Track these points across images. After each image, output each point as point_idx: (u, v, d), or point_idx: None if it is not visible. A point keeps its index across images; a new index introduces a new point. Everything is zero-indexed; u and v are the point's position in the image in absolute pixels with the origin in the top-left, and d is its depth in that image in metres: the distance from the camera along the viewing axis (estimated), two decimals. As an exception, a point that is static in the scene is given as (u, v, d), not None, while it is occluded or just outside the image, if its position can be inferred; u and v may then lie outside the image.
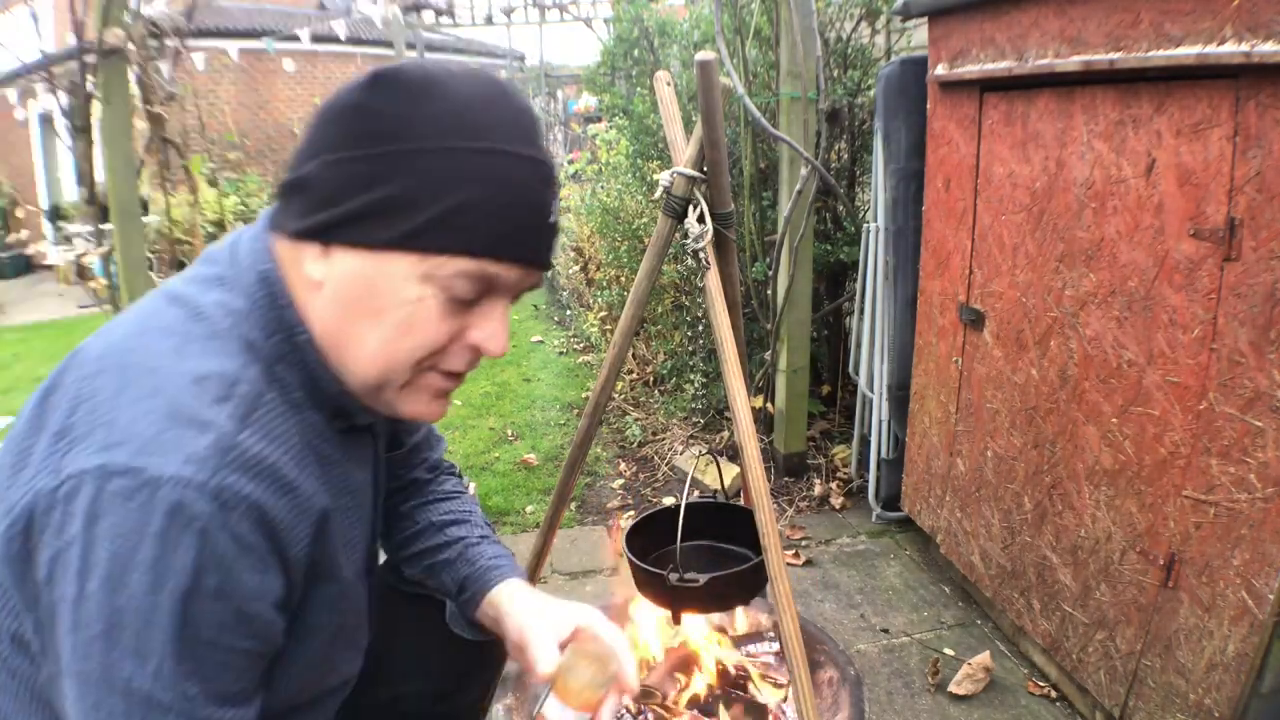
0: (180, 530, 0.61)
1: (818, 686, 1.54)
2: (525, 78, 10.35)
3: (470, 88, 0.72)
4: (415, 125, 0.69)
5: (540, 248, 0.76)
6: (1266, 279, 1.22)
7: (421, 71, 0.71)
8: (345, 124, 0.70)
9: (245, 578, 0.65)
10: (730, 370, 1.31)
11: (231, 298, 0.73)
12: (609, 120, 4.21)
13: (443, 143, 0.69)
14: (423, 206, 0.69)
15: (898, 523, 2.69)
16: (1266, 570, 1.27)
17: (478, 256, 0.72)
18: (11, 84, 10.98)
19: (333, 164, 0.70)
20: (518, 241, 0.74)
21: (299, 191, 0.72)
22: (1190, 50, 1.27)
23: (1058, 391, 1.72)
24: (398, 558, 1.12)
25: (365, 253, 0.71)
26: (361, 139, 0.69)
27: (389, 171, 0.69)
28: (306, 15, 12.78)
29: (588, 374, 4.51)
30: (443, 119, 0.69)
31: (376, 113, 0.70)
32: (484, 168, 0.70)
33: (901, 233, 2.42)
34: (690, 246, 1.36)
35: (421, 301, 0.72)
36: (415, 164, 0.69)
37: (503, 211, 0.71)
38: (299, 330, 0.74)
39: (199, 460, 0.63)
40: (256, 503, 0.65)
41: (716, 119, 1.27)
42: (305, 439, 0.74)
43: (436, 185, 0.69)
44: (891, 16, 2.85)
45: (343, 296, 0.72)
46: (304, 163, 0.72)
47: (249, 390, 0.69)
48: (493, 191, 0.71)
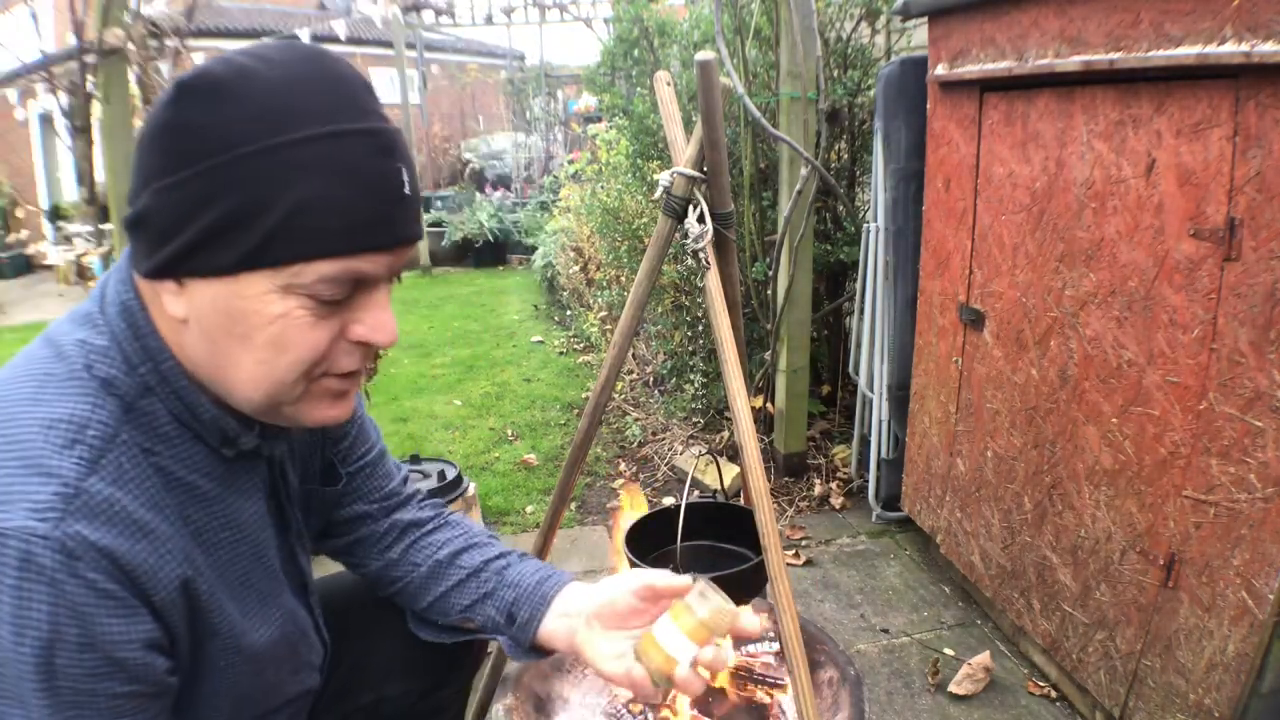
0: (32, 583, 0.60)
1: (818, 686, 1.54)
2: (525, 78, 10.36)
3: (279, 72, 0.65)
4: (228, 131, 0.63)
5: (400, 225, 0.69)
6: (1266, 279, 1.22)
7: (225, 68, 0.65)
8: (162, 146, 0.65)
9: (108, 624, 0.63)
10: (730, 370, 1.31)
11: (93, 334, 0.71)
12: (609, 120, 4.21)
13: (261, 143, 0.63)
14: (259, 218, 0.63)
15: (898, 523, 2.69)
16: (1266, 570, 1.27)
17: (335, 256, 0.66)
18: (11, 84, 10.98)
19: (162, 192, 0.65)
20: (373, 228, 0.67)
21: (139, 228, 0.68)
22: (1190, 50, 1.27)
23: (1058, 391, 1.72)
24: (422, 611, 1.04)
25: (217, 280, 0.66)
26: (181, 159, 0.64)
27: (214, 189, 0.63)
28: (306, 15, 12.78)
29: (588, 374, 4.51)
30: (255, 116, 0.63)
31: (187, 126, 0.64)
32: (312, 158, 0.64)
33: (901, 233, 2.42)
34: (690, 246, 1.36)
35: (288, 316, 0.67)
36: (237, 174, 0.63)
37: (347, 200, 0.65)
38: (164, 358, 0.71)
39: (43, 511, 0.61)
40: (107, 549, 0.63)
41: (716, 119, 1.27)
42: (168, 478, 0.72)
43: (264, 191, 0.63)
44: (891, 16, 2.85)
45: (208, 328, 0.68)
46: (137, 195, 0.67)
47: (99, 433, 0.66)
48: (329, 182, 0.64)
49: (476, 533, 1.08)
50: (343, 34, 10.05)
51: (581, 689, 1.62)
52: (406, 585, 1.05)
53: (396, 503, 1.08)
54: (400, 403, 4.13)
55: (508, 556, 1.04)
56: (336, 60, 0.69)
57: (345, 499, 1.04)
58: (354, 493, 1.04)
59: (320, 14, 13.13)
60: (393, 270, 0.72)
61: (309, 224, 0.64)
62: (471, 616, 1.01)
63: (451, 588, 1.02)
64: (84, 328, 0.72)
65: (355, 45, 11.90)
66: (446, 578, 1.03)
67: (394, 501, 1.08)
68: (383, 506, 1.07)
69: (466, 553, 1.04)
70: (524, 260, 7.83)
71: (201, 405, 0.73)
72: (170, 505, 0.71)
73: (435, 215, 8.75)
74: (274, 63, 0.66)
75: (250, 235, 0.64)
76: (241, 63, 0.65)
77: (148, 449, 0.71)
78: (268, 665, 0.84)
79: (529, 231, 7.66)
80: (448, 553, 1.04)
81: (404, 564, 1.05)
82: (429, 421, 3.82)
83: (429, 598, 1.03)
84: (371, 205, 0.67)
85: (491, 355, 5.04)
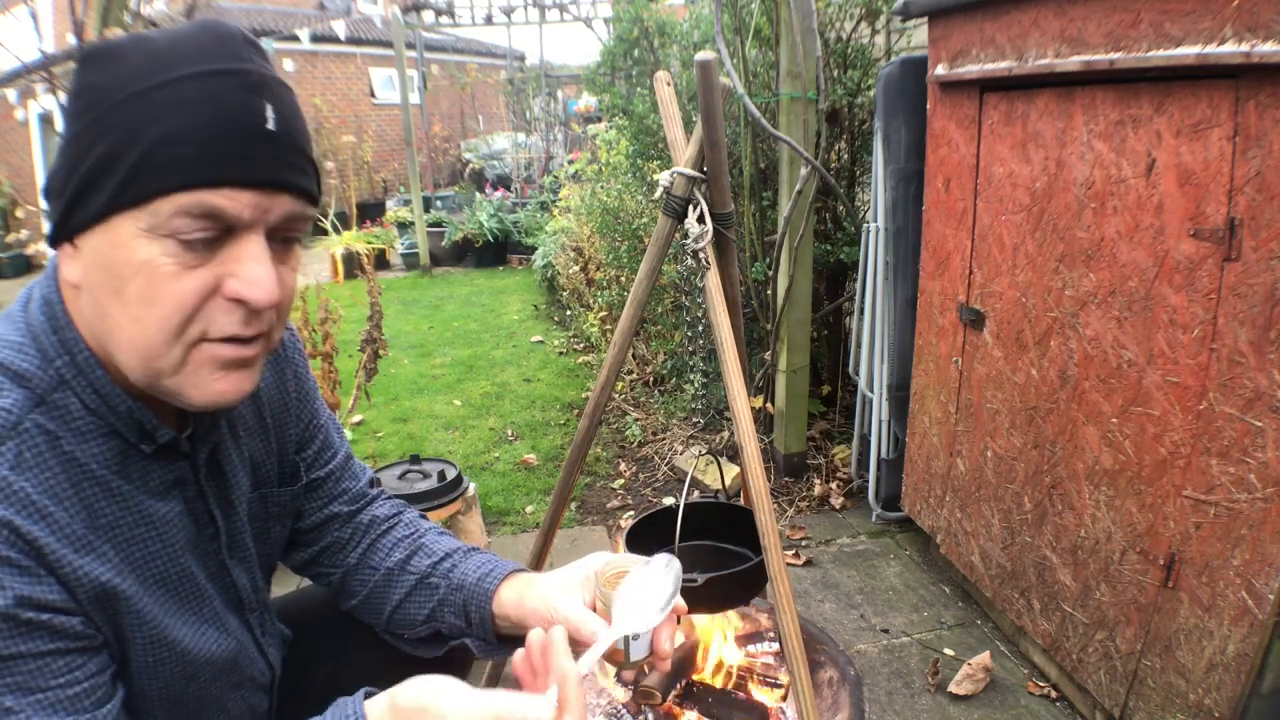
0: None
1: (818, 686, 1.54)
2: (525, 78, 10.36)
3: (169, 34, 0.68)
4: (111, 85, 0.66)
5: (261, 162, 0.68)
6: (1266, 279, 1.22)
7: (126, 38, 0.69)
8: (67, 113, 0.69)
9: (14, 585, 0.64)
10: (730, 370, 1.31)
11: (10, 331, 0.72)
12: (609, 120, 4.21)
13: (134, 88, 0.65)
14: (126, 157, 0.65)
15: (898, 523, 2.69)
16: (1266, 570, 1.27)
17: (191, 188, 0.65)
18: (11, 84, 10.98)
19: (59, 154, 0.69)
20: (229, 159, 0.66)
21: (49, 195, 0.70)
22: (1190, 50, 1.27)
23: (1058, 391, 1.72)
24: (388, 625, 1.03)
25: (96, 230, 0.67)
26: (75, 118, 0.68)
27: (93, 138, 0.66)
28: (306, 15, 12.79)
29: (588, 374, 4.51)
30: (136, 70, 0.66)
31: (83, 88, 0.68)
32: (176, 95, 0.65)
33: (901, 233, 2.42)
34: (690, 246, 1.36)
35: (153, 262, 0.66)
36: (112, 119, 0.66)
37: (205, 131, 0.65)
38: (79, 349, 0.71)
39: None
40: (6, 519, 0.64)
41: (716, 119, 1.27)
42: (78, 470, 0.71)
43: (134, 130, 0.65)
44: (891, 16, 2.85)
45: (92, 287, 0.69)
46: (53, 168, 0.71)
47: (1, 421, 0.67)
48: (190, 115, 0.65)
49: (424, 531, 1.07)
50: (343, 34, 10.05)
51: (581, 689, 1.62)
52: (367, 596, 1.03)
53: (365, 502, 1.08)
54: (400, 403, 4.13)
55: (453, 556, 1.01)
56: (229, 25, 0.71)
57: (316, 503, 1.03)
58: (325, 495, 1.04)
59: (320, 14, 13.13)
60: (264, 219, 0.70)
61: (167, 155, 0.65)
62: (436, 626, 1.00)
63: (405, 597, 1.01)
64: (3, 323, 0.73)
65: (355, 45, 11.91)
66: (400, 584, 1.01)
67: (363, 501, 1.07)
68: (353, 509, 1.06)
69: (415, 557, 1.02)
70: (524, 260, 7.83)
71: (117, 396, 0.73)
72: (74, 497, 0.70)
73: (435, 215, 8.74)
74: (170, 30, 0.69)
75: (117, 174, 0.65)
76: (142, 33, 0.70)
77: (56, 438, 0.70)
78: (202, 671, 0.82)
79: (529, 231, 7.66)
80: (398, 559, 1.02)
81: (362, 569, 1.03)
82: (429, 421, 3.83)
83: (388, 609, 1.02)
84: (230, 137, 0.66)
85: (491, 355, 5.04)
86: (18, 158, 12.00)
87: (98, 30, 2.25)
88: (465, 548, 1.03)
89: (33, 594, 0.65)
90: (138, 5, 2.39)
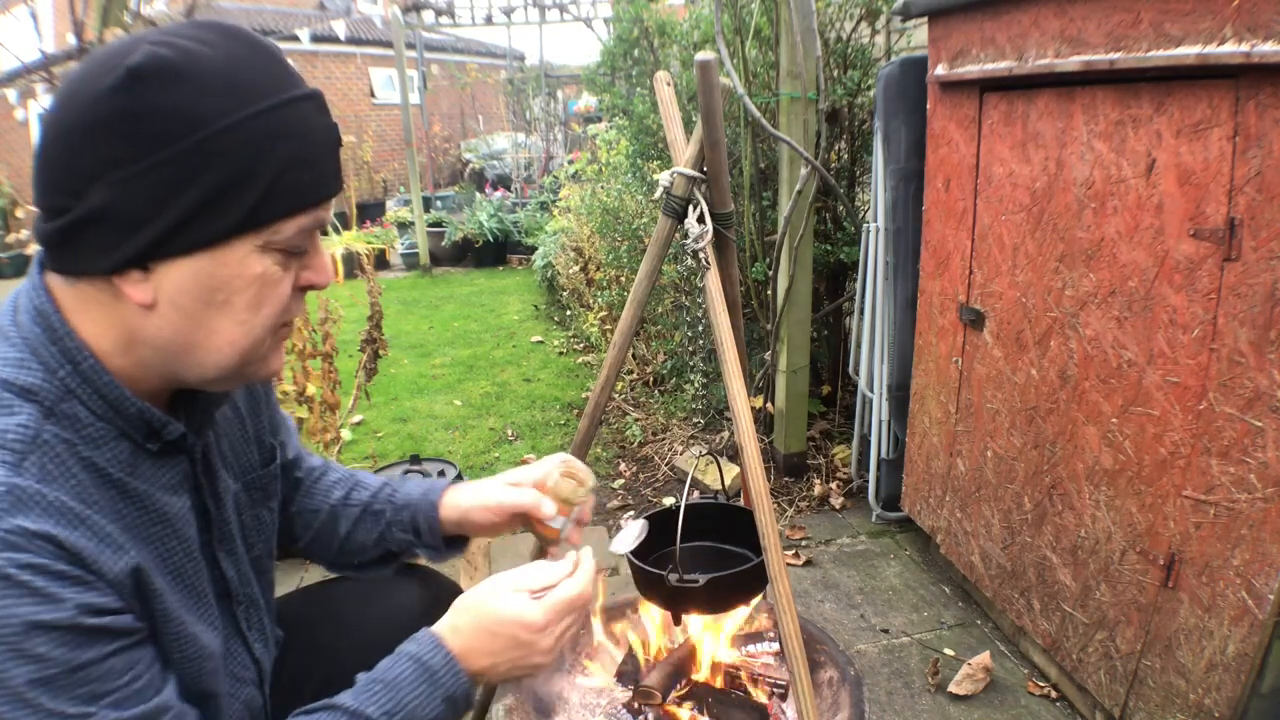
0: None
1: (818, 686, 1.54)
2: (525, 78, 10.36)
3: (218, 51, 0.69)
4: (202, 108, 0.66)
5: (339, 173, 0.78)
6: (1266, 279, 1.22)
7: (170, 51, 0.66)
8: (123, 132, 0.65)
9: (71, 597, 0.64)
10: (730, 370, 1.31)
11: (5, 347, 0.71)
12: (609, 120, 4.21)
13: (237, 114, 0.67)
14: (249, 185, 0.68)
15: (898, 523, 2.69)
16: (1266, 570, 1.27)
17: (308, 209, 0.73)
18: (11, 84, 10.98)
19: (127, 182, 0.65)
20: (330, 178, 0.76)
21: (92, 225, 0.67)
22: (1190, 50, 1.27)
23: (1058, 391, 1.72)
24: (336, 556, 1.14)
25: (198, 254, 0.69)
26: (153, 142, 0.65)
27: (202, 164, 0.66)
28: (306, 15, 12.79)
29: (588, 374, 4.51)
30: (218, 93, 0.67)
31: (155, 109, 0.65)
32: (282, 123, 0.70)
33: (901, 233, 2.42)
34: (690, 246, 1.36)
35: (265, 273, 0.73)
36: (222, 147, 0.67)
37: (313, 156, 0.73)
38: (83, 358, 0.72)
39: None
40: (48, 534, 0.64)
41: (716, 119, 1.27)
42: (97, 473, 0.72)
43: (254, 158, 0.68)
44: (891, 16, 2.85)
45: (184, 305, 0.71)
46: (80, 193, 0.66)
47: (19, 436, 0.67)
48: (299, 142, 0.71)
49: (354, 472, 1.18)
50: (342, 34, 10.06)
51: (581, 689, 1.62)
52: (315, 534, 1.13)
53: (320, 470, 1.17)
54: (400, 403, 4.13)
55: (390, 484, 1.14)
56: (257, 35, 0.74)
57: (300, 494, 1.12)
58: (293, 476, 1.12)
59: (320, 14, 13.14)
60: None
61: (291, 181, 0.71)
62: (386, 546, 1.12)
63: (352, 527, 1.12)
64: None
65: (355, 45, 11.91)
66: (345, 517, 1.12)
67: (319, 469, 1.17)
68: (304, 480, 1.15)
69: (354, 492, 1.14)
70: (524, 260, 7.83)
71: (126, 399, 0.74)
72: (102, 499, 0.72)
73: (435, 215, 8.74)
74: (210, 43, 0.69)
75: (242, 202, 0.69)
76: (182, 45, 0.67)
77: (74, 445, 0.71)
78: (209, 662, 0.83)
79: (529, 231, 7.66)
80: (338, 496, 1.13)
81: (303, 513, 1.13)
82: (429, 421, 3.83)
83: (336, 542, 1.13)
84: (328, 158, 0.75)
85: (491, 355, 5.04)
86: (18, 158, 12.00)
87: (98, 30, 2.25)
88: (399, 478, 1.17)
89: (90, 601, 0.66)
90: (138, 5, 2.39)
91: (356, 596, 1.18)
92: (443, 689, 0.82)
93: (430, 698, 0.81)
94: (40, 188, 0.69)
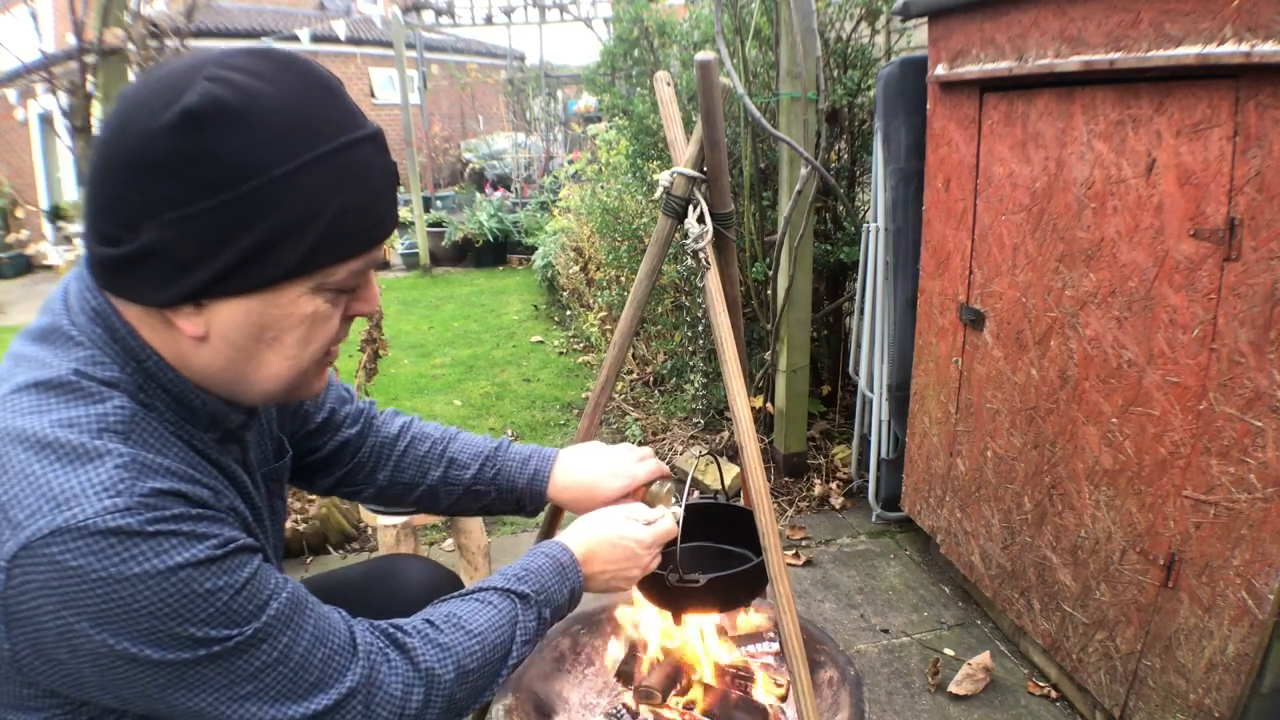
0: (136, 548, 0.64)
1: (818, 686, 1.54)
2: (525, 78, 10.36)
3: (280, 89, 0.68)
4: (253, 155, 0.65)
5: (395, 207, 0.79)
6: (1266, 279, 1.22)
7: (229, 92, 0.65)
8: (179, 175, 0.65)
9: (213, 532, 0.69)
10: (730, 370, 1.31)
11: (70, 346, 0.73)
12: (609, 120, 4.21)
13: (295, 161, 0.67)
14: (305, 231, 0.68)
15: (898, 523, 2.69)
16: (1266, 570, 1.27)
17: (364, 251, 0.74)
18: (11, 84, 10.98)
19: (182, 222, 0.66)
20: (387, 219, 0.76)
21: (146, 260, 0.67)
22: (1190, 50, 1.27)
23: (1058, 391, 1.72)
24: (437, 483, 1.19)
25: (251, 295, 0.70)
26: (205, 188, 0.65)
27: (257, 210, 0.66)
28: (306, 15, 12.79)
29: (588, 374, 4.51)
30: (276, 138, 0.66)
31: (211, 154, 0.65)
32: (340, 169, 0.70)
33: (901, 233, 2.42)
34: (690, 246, 1.36)
35: (316, 313, 0.74)
36: (281, 193, 0.67)
37: (372, 199, 0.73)
38: (146, 355, 0.74)
39: (113, 486, 0.65)
40: (178, 491, 0.69)
41: (716, 119, 1.27)
42: (189, 447, 0.77)
43: (310, 205, 0.68)
44: (891, 16, 2.85)
45: (235, 340, 0.73)
46: (134, 228, 0.66)
47: (120, 417, 0.70)
48: (357, 187, 0.71)
49: (441, 440, 1.22)
50: (342, 34, 10.05)
51: (581, 689, 1.62)
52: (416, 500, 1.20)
53: (368, 420, 1.19)
54: (400, 403, 4.13)
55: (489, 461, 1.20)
56: (316, 67, 0.73)
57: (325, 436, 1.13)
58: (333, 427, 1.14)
59: (320, 14, 13.14)
60: None
61: (348, 226, 0.71)
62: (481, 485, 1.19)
63: (454, 502, 1.20)
64: (57, 341, 0.73)
65: (355, 45, 11.90)
66: (447, 494, 1.19)
67: (364, 420, 1.18)
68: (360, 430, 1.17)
69: (451, 470, 1.20)
70: (524, 260, 7.82)
71: (191, 393, 0.77)
72: (199, 464, 0.77)
73: (435, 215, 8.74)
74: (269, 79, 0.68)
75: (297, 248, 0.69)
76: (240, 84, 0.66)
77: (163, 423, 0.74)
78: None
79: (529, 231, 7.66)
80: (436, 476, 1.19)
81: (396, 485, 1.19)
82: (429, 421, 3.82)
83: (439, 506, 1.21)
84: (384, 200, 0.75)
85: (491, 355, 5.04)
86: (18, 158, 12.00)
87: (98, 30, 2.25)
88: (492, 446, 1.21)
89: (227, 533, 0.71)
90: (138, 5, 2.39)
91: (358, 590, 1.19)
92: (569, 583, 0.98)
93: (561, 587, 0.97)
94: (93, 213, 0.69)
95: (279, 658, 0.72)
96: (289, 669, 0.73)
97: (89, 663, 0.65)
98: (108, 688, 0.67)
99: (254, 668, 0.71)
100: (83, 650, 0.64)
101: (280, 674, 0.72)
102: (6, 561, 0.63)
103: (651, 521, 1.11)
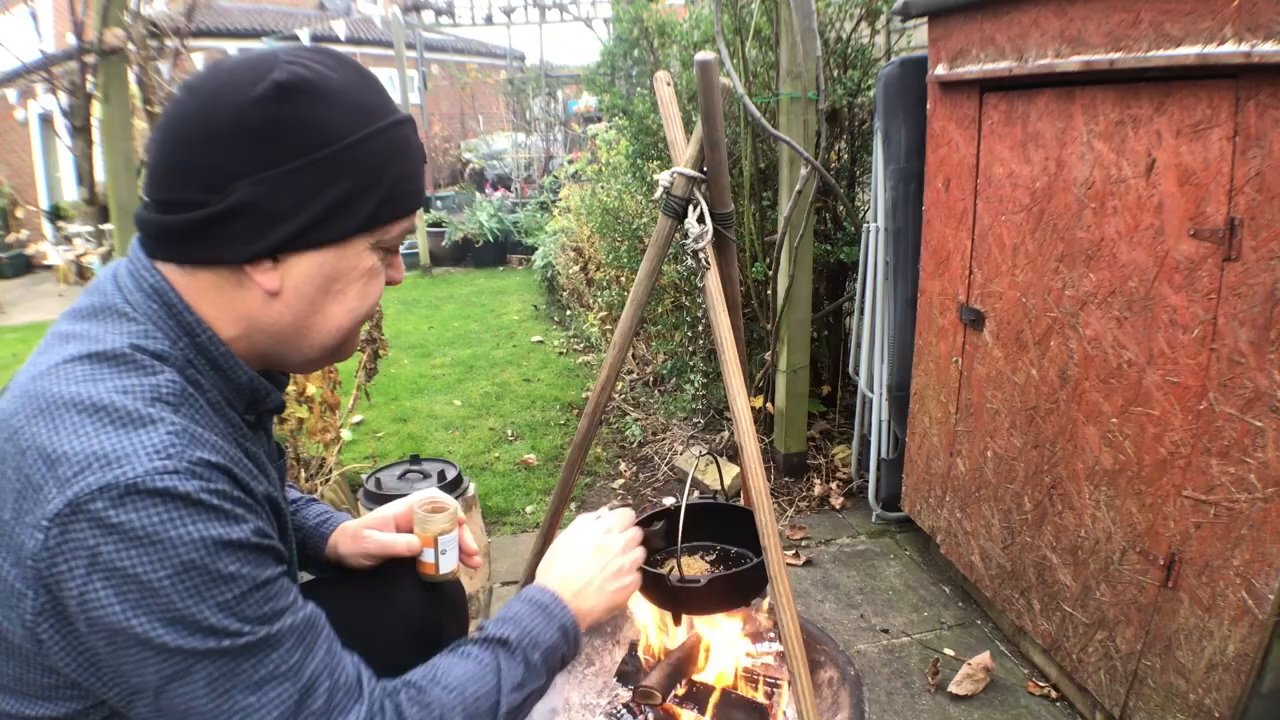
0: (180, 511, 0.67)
1: (818, 686, 1.54)
2: (525, 78, 10.36)
3: (342, 74, 0.80)
4: (338, 123, 0.77)
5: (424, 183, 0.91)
6: (1266, 279, 1.22)
7: (307, 72, 0.77)
8: (274, 138, 0.74)
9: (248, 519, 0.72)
10: (730, 370, 1.31)
11: (123, 321, 0.77)
12: (609, 120, 4.20)
13: (363, 130, 0.78)
14: (375, 190, 0.80)
15: (898, 523, 2.69)
16: (1266, 570, 1.27)
17: (409, 214, 0.86)
18: (11, 84, 10.98)
19: (271, 181, 0.75)
20: (422, 189, 0.88)
21: (234, 218, 0.75)
22: (1190, 50, 1.27)
23: (1058, 391, 1.72)
24: None
25: (327, 248, 0.80)
26: (299, 149, 0.75)
27: (338, 171, 0.77)
28: (306, 15, 12.79)
29: (588, 374, 4.51)
30: (352, 113, 0.78)
31: (300, 121, 0.75)
32: (395, 141, 0.82)
33: (901, 233, 2.42)
34: (690, 246, 1.36)
35: (374, 266, 0.85)
36: (355, 157, 0.78)
37: (416, 169, 0.86)
38: (199, 331, 0.79)
39: (164, 450, 0.68)
40: (223, 466, 0.72)
41: (716, 119, 1.27)
42: (230, 426, 0.82)
43: (378, 169, 0.80)
44: (891, 16, 2.85)
45: (307, 292, 0.81)
46: (221, 190, 0.74)
47: (171, 389, 0.74)
48: (406, 157, 0.84)
49: None
50: (342, 34, 10.06)
51: (581, 689, 1.62)
52: None
53: None
54: (400, 403, 4.13)
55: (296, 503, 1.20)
56: (358, 62, 0.85)
57: None
58: None
59: (320, 14, 13.14)
60: None
61: (403, 190, 0.83)
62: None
63: None
64: (110, 317, 0.77)
65: (355, 45, 11.90)
66: None
67: None
68: None
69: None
70: (524, 260, 7.82)
71: (239, 368, 0.82)
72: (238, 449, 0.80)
73: (435, 215, 8.75)
74: (332, 68, 0.80)
75: (367, 205, 0.80)
76: (314, 68, 0.78)
77: (208, 400, 0.79)
78: None
79: (529, 231, 7.66)
80: None
81: None
82: (429, 421, 3.82)
83: None
84: (421, 173, 0.87)
85: (491, 355, 5.04)
86: (18, 158, 12.00)
87: (97, 30, 2.25)
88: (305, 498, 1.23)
89: (260, 525, 0.73)
90: (138, 5, 2.39)
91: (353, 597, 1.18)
92: (556, 619, 0.97)
93: (548, 626, 0.97)
94: (167, 184, 0.76)
95: (287, 672, 0.72)
96: (295, 689, 0.73)
97: (104, 639, 0.66)
98: (117, 672, 0.68)
99: (259, 677, 0.71)
100: (100, 624, 0.66)
101: (284, 692, 0.72)
102: (48, 521, 0.65)
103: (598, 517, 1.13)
